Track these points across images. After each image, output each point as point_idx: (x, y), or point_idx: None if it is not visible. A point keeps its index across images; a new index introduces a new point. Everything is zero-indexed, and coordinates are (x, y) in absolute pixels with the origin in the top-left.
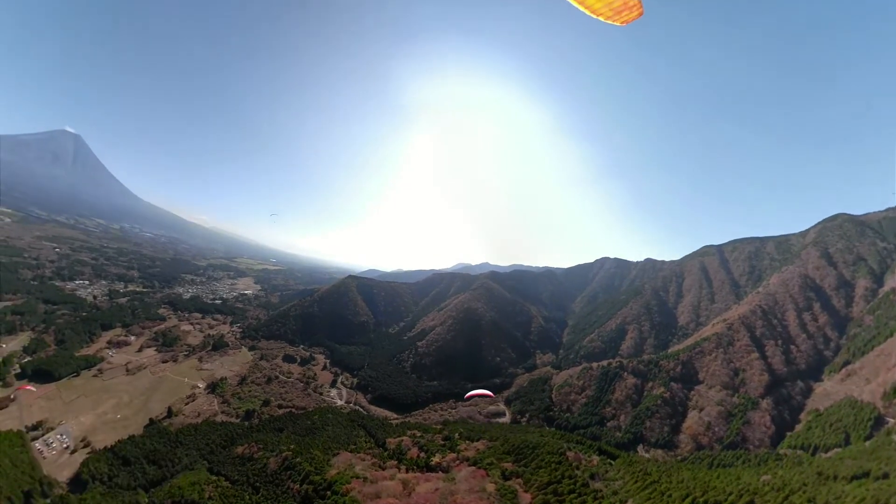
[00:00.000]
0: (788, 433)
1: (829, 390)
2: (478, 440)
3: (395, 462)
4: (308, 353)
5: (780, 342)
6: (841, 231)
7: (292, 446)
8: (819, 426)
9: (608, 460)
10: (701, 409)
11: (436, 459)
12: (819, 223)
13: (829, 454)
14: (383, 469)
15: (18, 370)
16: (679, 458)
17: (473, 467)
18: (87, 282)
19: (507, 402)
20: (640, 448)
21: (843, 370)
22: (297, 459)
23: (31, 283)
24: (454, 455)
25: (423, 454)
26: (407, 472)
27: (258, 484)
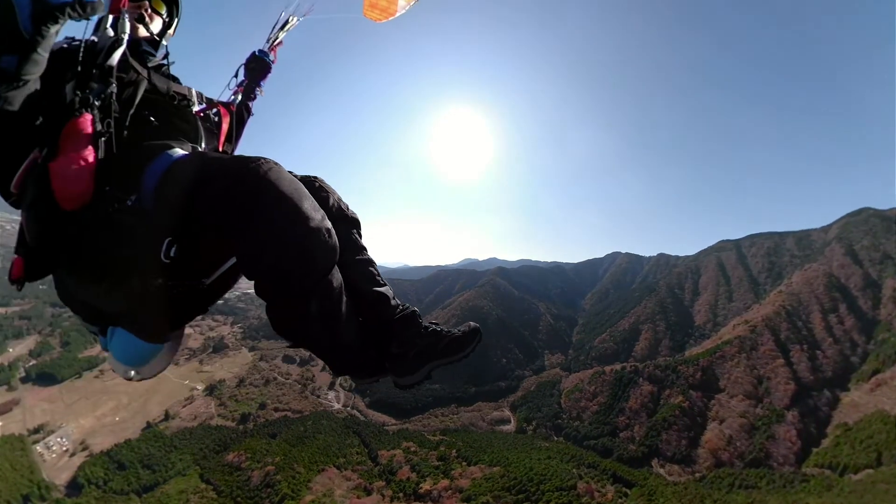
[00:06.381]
0: (815, 449)
1: (857, 401)
2: (475, 463)
3: (383, 483)
4: (308, 353)
5: (805, 347)
6: (866, 227)
7: (277, 459)
8: (848, 442)
9: (624, 489)
10: (722, 421)
11: (425, 486)
12: (842, 218)
13: (860, 476)
14: (368, 492)
15: (24, 374)
16: (698, 475)
17: None
18: None
19: (513, 409)
20: (654, 462)
21: (872, 380)
22: (278, 476)
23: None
24: (447, 482)
25: (414, 475)
26: (392, 501)
27: (239, 499)
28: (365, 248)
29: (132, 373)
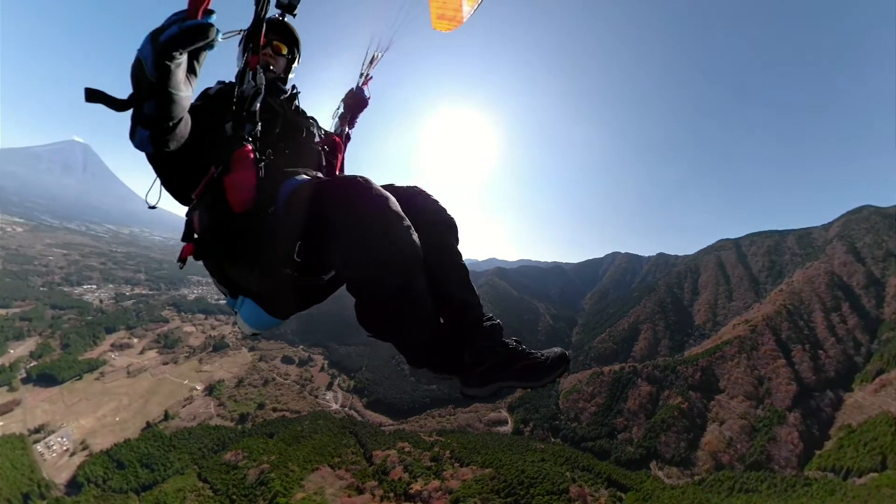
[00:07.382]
0: (817, 451)
1: (861, 402)
2: (468, 465)
3: (375, 483)
4: (307, 354)
5: (807, 347)
6: (868, 224)
7: (272, 457)
8: (852, 445)
9: (618, 493)
10: (722, 423)
11: (416, 487)
12: (843, 216)
13: (864, 479)
14: (360, 491)
15: (24, 375)
16: (697, 477)
17: None
18: (94, 286)
19: (510, 409)
20: (653, 465)
21: (877, 380)
22: (272, 475)
23: (41, 289)
24: (437, 483)
25: (406, 475)
26: (381, 500)
27: (234, 496)
28: (459, 254)
29: (252, 332)
